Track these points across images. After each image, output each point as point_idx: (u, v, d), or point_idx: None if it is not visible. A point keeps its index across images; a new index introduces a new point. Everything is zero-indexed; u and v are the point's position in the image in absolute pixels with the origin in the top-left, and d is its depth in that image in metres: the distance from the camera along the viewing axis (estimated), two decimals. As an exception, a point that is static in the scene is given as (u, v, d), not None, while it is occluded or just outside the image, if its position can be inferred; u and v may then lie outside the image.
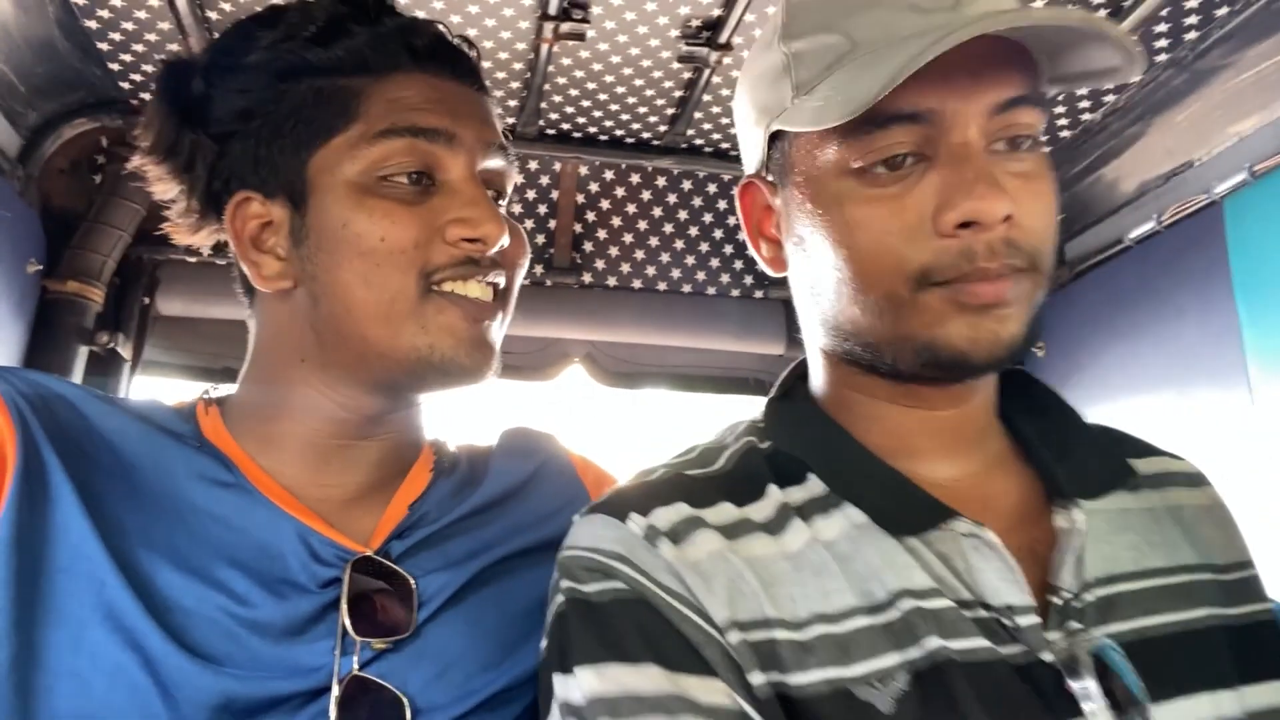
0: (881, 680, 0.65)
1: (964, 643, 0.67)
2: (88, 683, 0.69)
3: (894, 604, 0.68)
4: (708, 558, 0.69)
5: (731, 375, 2.06)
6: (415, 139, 0.83)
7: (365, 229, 0.81)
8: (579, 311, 1.91)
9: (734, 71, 1.55)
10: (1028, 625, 0.68)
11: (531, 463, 1.00)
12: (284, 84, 0.86)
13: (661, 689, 0.64)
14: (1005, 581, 0.69)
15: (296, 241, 0.84)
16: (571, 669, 0.67)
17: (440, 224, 0.83)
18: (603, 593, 0.69)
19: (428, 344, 0.82)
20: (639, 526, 0.71)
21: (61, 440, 0.76)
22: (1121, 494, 0.79)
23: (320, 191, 0.83)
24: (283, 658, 0.75)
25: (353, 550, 0.82)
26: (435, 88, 0.87)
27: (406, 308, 0.81)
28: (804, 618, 0.68)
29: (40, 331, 1.60)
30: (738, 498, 0.75)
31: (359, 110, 0.84)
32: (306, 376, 0.86)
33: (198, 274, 1.80)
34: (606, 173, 1.86)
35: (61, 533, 0.73)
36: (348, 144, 0.83)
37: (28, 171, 1.59)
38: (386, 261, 0.81)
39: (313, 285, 0.83)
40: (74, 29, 1.43)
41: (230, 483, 0.82)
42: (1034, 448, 0.80)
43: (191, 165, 0.88)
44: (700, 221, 1.94)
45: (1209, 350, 1.51)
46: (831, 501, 0.74)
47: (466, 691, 0.80)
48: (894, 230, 0.69)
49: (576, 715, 0.66)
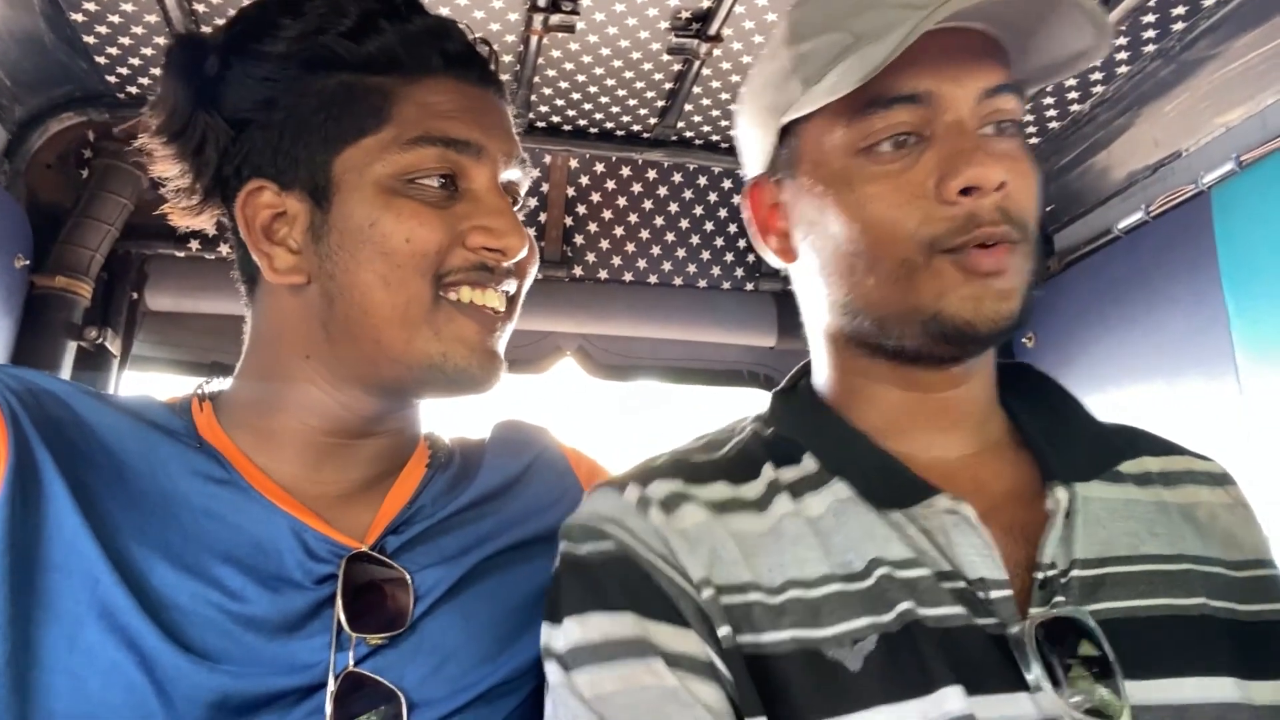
0: (851, 641, 0.70)
1: (939, 610, 0.71)
2: (83, 681, 0.69)
3: (869, 573, 0.73)
4: (694, 527, 0.76)
5: (723, 367, 2.06)
6: (446, 149, 0.83)
7: (392, 229, 0.81)
8: (570, 305, 1.91)
9: (724, 64, 1.55)
10: (999, 598, 0.71)
11: (525, 457, 1.00)
12: (312, 76, 0.84)
13: (636, 634, 0.71)
14: (981, 556, 0.73)
15: (316, 237, 0.83)
16: (560, 620, 0.75)
17: (462, 230, 0.83)
18: (593, 552, 0.76)
19: (441, 352, 0.82)
20: (634, 496, 0.78)
21: (54, 437, 0.76)
22: (1128, 486, 0.81)
23: (346, 189, 0.83)
24: (278, 654, 0.75)
25: (348, 546, 0.81)
26: (464, 95, 0.87)
27: (421, 313, 0.82)
28: (779, 583, 0.73)
29: (28, 327, 1.59)
30: (734, 478, 0.80)
31: (391, 112, 0.84)
32: (310, 374, 0.85)
33: (186, 268, 1.79)
34: (597, 165, 1.85)
35: (55, 530, 0.72)
36: (379, 146, 0.83)
37: (14, 167, 1.58)
38: (408, 263, 0.81)
39: (329, 283, 0.83)
40: (60, 22, 1.42)
41: (224, 479, 0.82)
42: (1031, 433, 0.83)
43: (202, 149, 0.87)
44: (691, 214, 1.94)
45: (1198, 340, 1.52)
46: (822, 479, 0.79)
47: (463, 685, 0.80)
48: (902, 200, 0.75)
49: (559, 661, 0.73)
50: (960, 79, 0.76)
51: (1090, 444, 0.82)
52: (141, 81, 1.58)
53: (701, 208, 1.93)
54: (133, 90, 1.61)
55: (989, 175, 0.73)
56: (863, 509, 0.76)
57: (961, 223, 0.74)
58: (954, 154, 0.74)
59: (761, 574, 0.74)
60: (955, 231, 0.74)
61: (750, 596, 0.72)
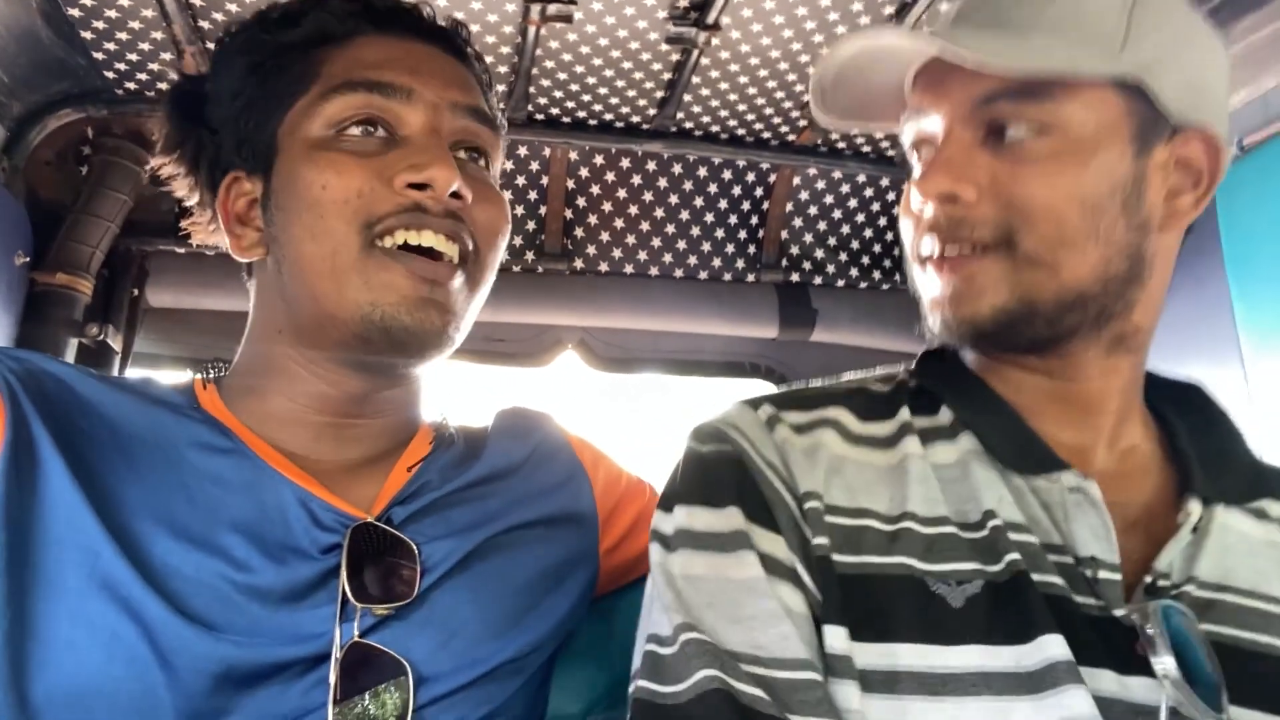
0: (956, 581, 0.71)
1: (1043, 577, 0.71)
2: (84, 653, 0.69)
3: (984, 524, 0.74)
4: (818, 448, 0.79)
5: (725, 359, 2.05)
6: (370, 94, 0.83)
7: (311, 179, 0.81)
8: (571, 298, 1.90)
9: (722, 53, 1.55)
10: (1106, 579, 0.71)
11: (529, 442, 1.01)
12: (258, 65, 0.88)
13: (736, 529, 0.75)
14: (1096, 536, 0.73)
15: (264, 209, 0.86)
16: (671, 508, 0.79)
17: (390, 175, 0.81)
18: (712, 452, 0.80)
19: (370, 300, 0.80)
20: (766, 414, 0.82)
21: (52, 415, 0.76)
22: (1271, 528, 0.80)
23: (283, 154, 0.85)
24: (283, 624, 0.75)
25: (354, 515, 0.81)
26: (397, 47, 0.87)
27: (349, 261, 0.80)
28: (896, 514, 0.76)
29: (29, 324, 1.59)
30: (870, 415, 0.84)
31: (319, 72, 0.85)
32: (286, 350, 0.86)
33: (187, 265, 1.79)
34: (596, 157, 1.85)
35: (53, 506, 0.73)
36: (307, 104, 0.84)
37: (13, 163, 1.58)
38: (329, 211, 0.80)
39: (277, 250, 0.85)
40: (57, 18, 1.42)
41: (229, 449, 0.82)
42: (1181, 447, 0.83)
43: (197, 160, 0.92)
44: (691, 205, 1.93)
45: (1202, 327, 1.51)
46: (955, 430, 0.81)
47: (470, 660, 0.80)
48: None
49: (664, 542, 0.78)
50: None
51: (1242, 472, 0.82)
52: (139, 77, 1.58)
53: (702, 199, 1.93)
54: (131, 86, 1.60)
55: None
56: (987, 465, 0.78)
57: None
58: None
59: (880, 502, 0.76)
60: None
61: (864, 521, 0.75)
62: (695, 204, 1.93)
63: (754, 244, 1.97)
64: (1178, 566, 0.74)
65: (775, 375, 2.05)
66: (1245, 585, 0.75)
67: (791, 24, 1.46)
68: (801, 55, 1.54)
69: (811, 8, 1.42)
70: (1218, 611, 0.73)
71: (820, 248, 2.00)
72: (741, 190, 1.92)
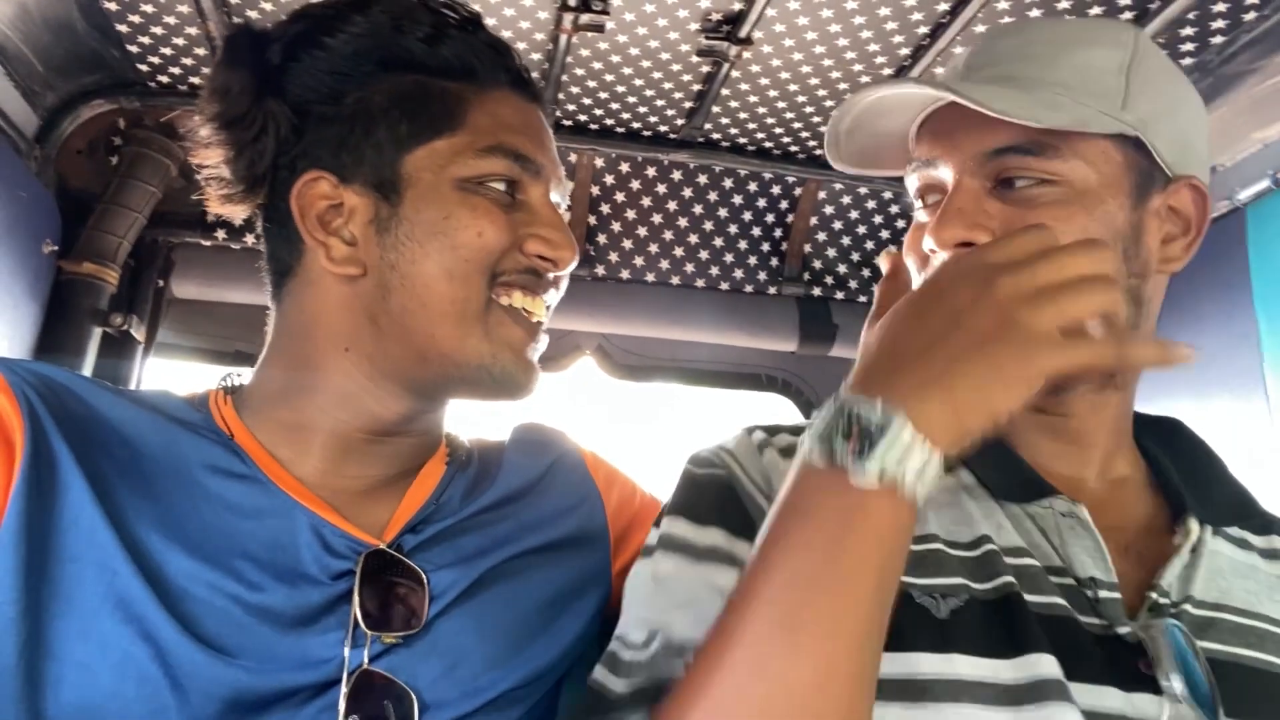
0: (942, 594, 0.73)
1: (1041, 597, 0.73)
2: (95, 673, 0.69)
3: (977, 545, 0.76)
4: None
5: (743, 371, 2.04)
6: (514, 162, 0.86)
7: (467, 223, 0.83)
8: (591, 303, 1.90)
9: (753, 66, 1.54)
10: (1108, 599, 0.73)
11: (545, 459, 1.00)
12: (385, 74, 0.86)
13: (717, 545, 0.78)
14: (1092, 557, 0.75)
15: (381, 229, 0.84)
16: (660, 521, 0.84)
17: (520, 235, 0.86)
18: (705, 475, 0.85)
19: (491, 353, 0.85)
20: (758, 439, 0.87)
21: (71, 429, 0.76)
22: (1253, 555, 0.83)
23: (422, 186, 0.84)
24: (293, 648, 0.75)
25: (366, 542, 0.81)
26: (525, 111, 0.91)
27: (475, 311, 0.84)
28: None
29: (55, 312, 1.60)
30: None
31: (466, 119, 0.86)
32: (348, 368, 0.85)
33: (212, 257, 1.80)
34: (622, 165, 1.85)
35: (72, 521, 0.73)
36: (452, 149, 0.85)
37: (45, 152, 1.59)
38: (474, 258, 0.84)
39: (389, 274, 0.84)
40: (93, 10, 1.43)
41: (244, 474, 0.82)
42: (1169, 477, 0.86)
43: (260, 137, 0.86)
44: (715, 216, 1.92)
45: (1228, 359, 1.49)
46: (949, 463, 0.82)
47: (475, 689, 0.80)
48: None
49: (647, 549, 0.82)
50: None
51: (1228, 497, 0.85)
52: (172, 71, 1.59)
53: (726, 210, 1.92)
54: (164, 79, 1.61)
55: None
56: (982, 496, 0.80)
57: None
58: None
59: None
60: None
61: None
62: (719, 215, 1.93)
63: (776, 257, 1.97)
64: (1175, 586, 0.76)
65: (792, 389, 2.04)
66: (1240, 605, 0.77)
67: (824, 40, 1.46)
68: (833, 71, 1.54)
69: (845, 25, 1.42)
70: (1217, 630, 0.75)
71: (843, 263, 1.99)
72: (766, 203, 1.92)
